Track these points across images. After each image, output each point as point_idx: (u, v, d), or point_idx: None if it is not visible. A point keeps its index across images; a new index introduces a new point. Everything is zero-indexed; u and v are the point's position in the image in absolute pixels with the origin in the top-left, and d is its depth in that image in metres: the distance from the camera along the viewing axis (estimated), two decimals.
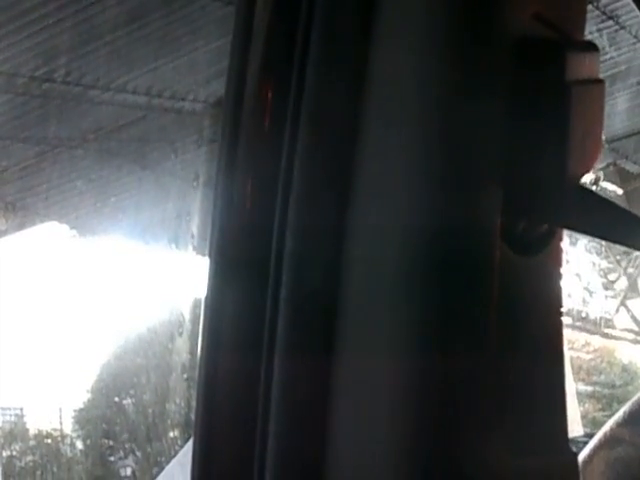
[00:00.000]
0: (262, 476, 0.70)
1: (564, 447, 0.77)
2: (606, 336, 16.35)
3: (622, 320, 16.07)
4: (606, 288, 15.73)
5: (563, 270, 0.77)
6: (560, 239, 0.77)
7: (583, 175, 0.74)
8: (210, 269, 0.74)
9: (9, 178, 9.82)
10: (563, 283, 0.77)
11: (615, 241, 0.79)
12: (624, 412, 1.21)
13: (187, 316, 9.56)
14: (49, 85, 8.23)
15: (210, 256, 0.74)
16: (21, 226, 11.24)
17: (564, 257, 0.78)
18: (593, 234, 0.79)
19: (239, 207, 0.74)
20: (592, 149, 0.75)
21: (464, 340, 0.70)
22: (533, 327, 0.75)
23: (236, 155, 0.74)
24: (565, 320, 0.79)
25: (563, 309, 0.78)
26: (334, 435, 0.69)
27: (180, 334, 9.75)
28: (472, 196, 0.71)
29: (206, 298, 0.74)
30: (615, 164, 10.85)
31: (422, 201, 0.70)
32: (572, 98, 0.72)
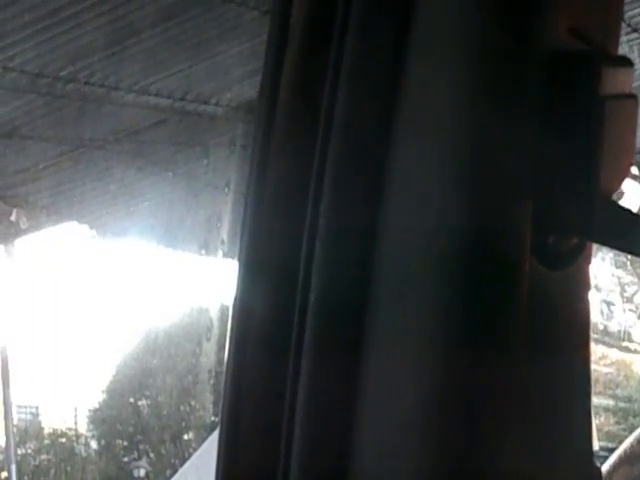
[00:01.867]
0: (286, 479, 0.71)
1: (589, 461, 0.77)
2: (624, 349, 16.26)
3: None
4: (625, 301, 15.65)
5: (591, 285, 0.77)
6: (589, 254, 0.77)
7: (615, 190, 0.74)
8: (239, 272, 0.74)
9: (31, 177, 9.86)
10: (590, 297, 0.76)
11: None
12: None
13: (215, 321, 9.57)
14: (73, 86, 8.27)
15: (239, 259, 0.75)
16: (42, 225, 11.30)
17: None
18: (624, 250, 0.79)
19: (269, 211, 0.74)
20: (624, 164, 0.75)
21: (491, 350, 0.70)
22: (560, 340, 0.75)
23: (268, 159, 0.75)
24: None
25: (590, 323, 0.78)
26: (359, 437, 0.69)
27: (208, 339, 9.76)
28: (502, 208, 0.71)
29: (235, 301, 0.75)
30: (635, 177, 10.79)
31: (452, 212, 0.70)
32: (605, 113, 0.72)
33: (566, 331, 0.75)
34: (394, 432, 0.69)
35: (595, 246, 0.78)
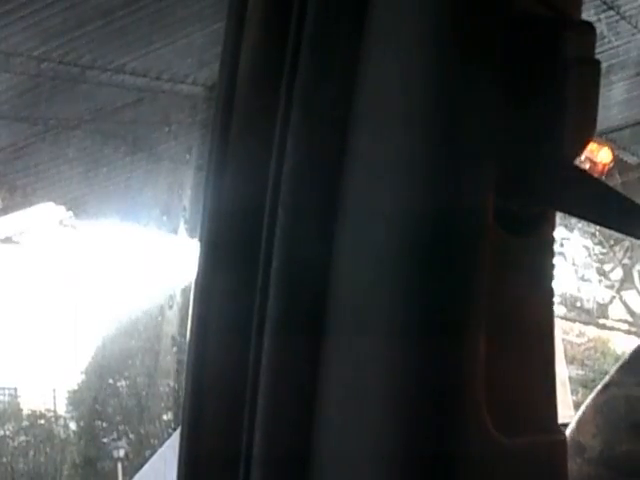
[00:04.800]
0: (249, 460, 0.70)
1: (553, 427, 0.77)
2: (601, 326, 16.38)
3: (617, 311, 16.10)
4: (601, 279, 15.74)
5: (555, 251, 0.76)
6: (553, 220, 0.77)
7: (577, 155, 0.74)
8: (201, 252, 0.74)
9: (6, 158, 9.80)
10: (555, 264, 0.76)
11: (607, 226, 0.79)
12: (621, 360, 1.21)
13: (178, 290, 9.64)
14: (47, 65, 8.21)
15: (201, 239, 0.74)
16: (18, 206, 11.23)
17: (559, 243, 0.77)
18: (586, 217, 0.79)
19: (231, 190, 0.74)
20: (587, 129, 0.74)
21: (455, 321, 0.70)
22: (524, 307, 0.75)
23: (228, 138, 0.74)
24: (560, 309, 0.79)
25: (556, 294, 0.78)
26: (322, 417, 0.69)
27: (170, 307, 9.88)
28: (465, 176, 0.71)
29: (196, 281, 0.74)
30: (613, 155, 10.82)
31: (414, 180, 0.70)
32: (568, 78, 0.72)
33: (530, 296, 0.75)
34: (357, 413, 0.69)
35: (573, 225, 0.78)
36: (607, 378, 1.18)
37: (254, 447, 0.70)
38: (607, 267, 15.57)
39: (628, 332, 16.25)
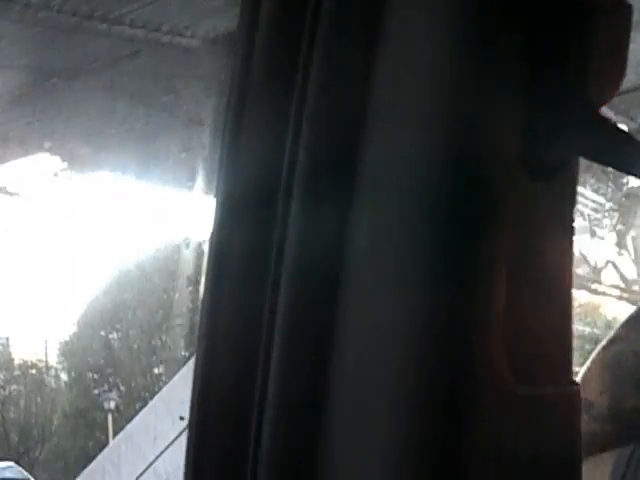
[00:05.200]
0: (262, 405, 0.70)
1: (569, 378, 0.76)
2: (593, 291, 16.47)
3: (609, 276, 16.18)
4: (595, 243, 15.81)
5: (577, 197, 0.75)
6: (576, 167, 0.76)
7: (605, 103, 0.73)
8: (216, 208, 0.73)
9: (1, 107, 9.75)
10: (575, 210, 0.75)
11: (630, 173, 0.78)
12: (627, 316, 1.21)
13: (193, 231, 9.80)
14: (45, 14, 8.14)
15: (216, 195, 0.73)
16: (12, 156, 11.20)
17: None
18: (608, 163, 0.78)
19: (247, 146, 0.73)
20: (615, 75, 0.73)
21: (474, 271, 0.69)
22: (544, 253, 0.74)
23: (247, 93, 0.73)
24: None
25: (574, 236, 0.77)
26: (336, 374, 0.69)
27: (187, 246, 10.14)
28: (490, 119, 0.70)
29: (211, 237, 0.73)
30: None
31: (438, 123, 0.69)
32: (597, 21, 0.70)
33: (549, 243, 0.75)
34: (370, 375, 0.68)
35: None
36: (613, 333, 1.18)
37: (268, 392, 0.69)
38: (601, 232, 15.62)
39: (620, 297, 16.34)
